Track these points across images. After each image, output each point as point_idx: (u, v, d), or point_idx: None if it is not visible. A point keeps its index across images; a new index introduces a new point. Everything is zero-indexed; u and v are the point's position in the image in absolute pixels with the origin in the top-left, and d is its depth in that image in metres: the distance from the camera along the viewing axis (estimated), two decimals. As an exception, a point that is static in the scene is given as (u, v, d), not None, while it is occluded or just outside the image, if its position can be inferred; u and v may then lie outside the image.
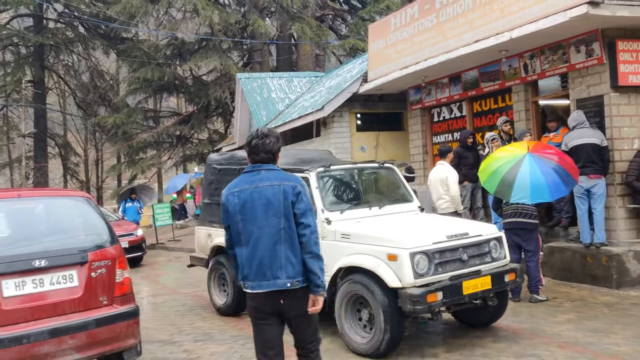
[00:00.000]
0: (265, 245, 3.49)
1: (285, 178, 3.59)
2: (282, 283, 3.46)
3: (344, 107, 14.63)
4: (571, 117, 8.02)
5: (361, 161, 8.17)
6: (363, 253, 5.38)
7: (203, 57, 23.95)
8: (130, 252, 12.90)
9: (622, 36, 8.16)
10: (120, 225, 14.05)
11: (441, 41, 10.29)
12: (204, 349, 6.00)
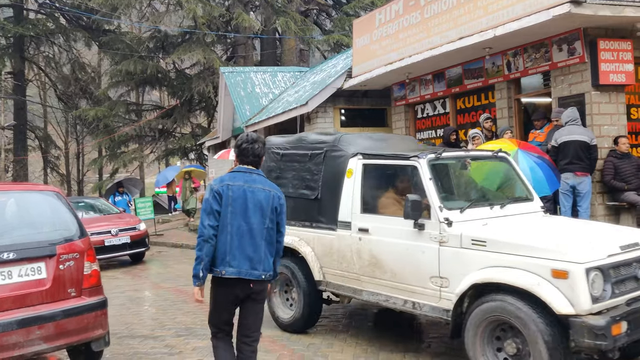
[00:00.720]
0: (251, 239, 3.87)
1: (271, 186, 4.07)
2: (258, 274, 3.89)
3: (328, 103, 14.62)
4: (565, 114, 8.08)
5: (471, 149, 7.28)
6: (509, 266, 4.18)
7: (186, 50, 23.77)
8: (133, 248, 12.38)
9: (604, 35, 8.26)
10: (121, 218, 13.27)
11: (425, 38, 10.33)
12: (185, 343, 5.98)
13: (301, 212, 5.99)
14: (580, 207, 7.83)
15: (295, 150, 6.26)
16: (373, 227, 5.21)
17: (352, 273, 5.42)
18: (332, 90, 14.14)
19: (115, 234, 12.02)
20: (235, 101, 18.77)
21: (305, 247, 5.90)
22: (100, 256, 11.53)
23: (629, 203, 7.96)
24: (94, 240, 11.29)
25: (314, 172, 5.88)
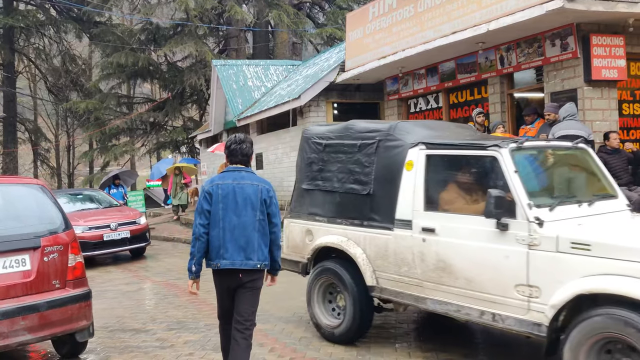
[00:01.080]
0: (243, 231, 4.10)
1: (260, 180, 4.29)
2: (253, 264, 4.11)
3: (321, 97, 14.60)
4: (563, 108, 8.08)
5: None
6: (622, 274, 3.61)
7: (178, 42, 23.63)
8: (133, 243, 11.92)
9: (597, 31, 8.28)
10: (121, 211, 12.78)
11: (419, 32, 10.32)
12: (177, 337, 5.96)
13: (349, 209, 5.37)
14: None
15: (341, 140, 5.58)
16: (441, 226, 4.55)
17: (412, 278, 4.76)
18: (324, 84, 14.12)
19: (115, 228, 11.61)
20: (228, 94, 18.69)
21: (355, 248, 5.22)
22: (99, 252, 11.37)
23: (620, 198, 8.00)
24: (92, 235, 11.12)
25: (364, 165, 5.26)
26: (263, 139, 17.22)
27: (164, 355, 5.40)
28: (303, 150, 6.07)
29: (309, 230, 5.80)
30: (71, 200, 13.11)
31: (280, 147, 16.30)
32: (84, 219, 11.57)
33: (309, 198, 5.87)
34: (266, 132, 17.50)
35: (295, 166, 6.23)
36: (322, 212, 5.65)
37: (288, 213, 6.11)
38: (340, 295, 5.42)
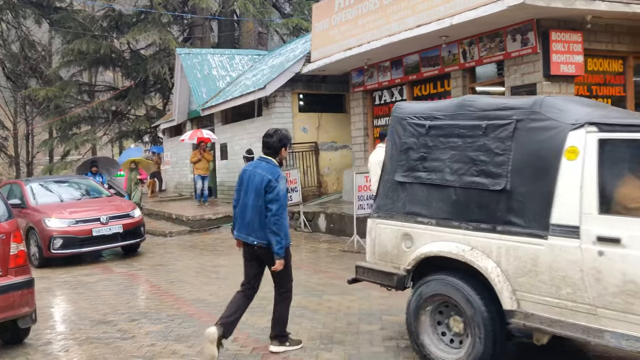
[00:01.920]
0: (249, 213, 4.80)
1: (268, 170, 4.76)
2: (251, 240, 4.81)
3: (287, 87, 14.58)
4: None
5: None
6: None
7: (141, 30, 23.23)
8: (125, 239, 10.46)
9: (556, 27, 8.49)
10: (113, 202, 11.24)
11: (384, 24, 10.40)
12: (139, 328, 5.91)
13: (472, 209, 4.23)
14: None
15: (455, 121, 4.46)
16: (630, 236, 3.47)
17: (580, 304, 3.67)
18: (290, 74, 14.10)
19: (106, 222, 10.21)
20: (192, 83, 18.49)
21: (485, 260, 4.06)
22: (87, 249, 10.17)
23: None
24: (79, 230, 10.01)
25: (495, 152, 4.14)
26: (228, 129, 17.11)
27: (125, 346, 5.35)
28: (395, 133, 4.92)
29: (407, 234, 4.63)
30: (55, 188, 11.64)
31: (245, 137, 16.22)
32: (70, 211, 10.35)
33: (405, 193, 4.73)
34: (231, 122, 17.39)
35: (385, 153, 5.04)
36: (428, 211, 4.51)
37: (373, 212, 4.97)
38: (454, 318, 4.31)
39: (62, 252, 9.94)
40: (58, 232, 9.88)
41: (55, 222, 9.96)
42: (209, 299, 7.03)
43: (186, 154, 19.85)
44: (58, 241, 9.85)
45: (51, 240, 9.82)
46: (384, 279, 4.79)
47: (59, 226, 9.94)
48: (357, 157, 13.00)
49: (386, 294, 6.81)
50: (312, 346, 5.09)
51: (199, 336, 5.47)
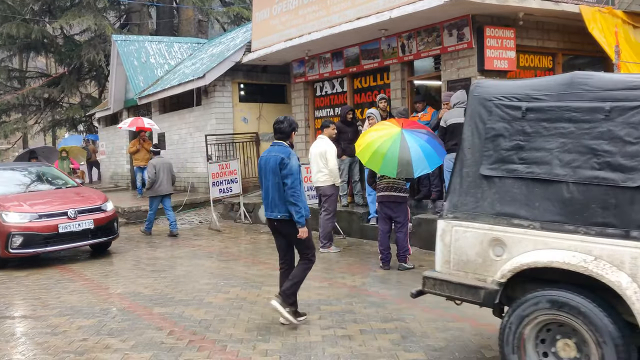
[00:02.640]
0: (270, 191, 5.39)
1: (280, 151, 5.37)
2: (275, 215, 5.39)
3: (227, 77, 14.41)
4: (454, 96, 8.48)
5: None
6: None
7: (75, 15, 22.30)
8: (96, 236, 9.23)
9: (490, 23, 8.74)
10: (82, 194, 9.80)
11: (325, 16, 10.41)
12: (70, 323, 5.73)
13: (594, 211, 3.49)
14: (463, 185, 8.28)
15: (564, 102, 3.74)
16: None
17: None
18: (230, 63, 13.94)
19: (74, 216, 8.91)
20: (128, 71, 17.97)
21: (616, 273, 3.33)
22: (52, 247, 8.83)
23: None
24: (43, 226, 8.65)
25: (626, 140, 3.43)
26: (166, 119, 16.76)
27: (55, 341, 5.18)
28: (476, 116, 4.16)
29: (498, 239, 3.85)
30: (10, 176, 10.17)
31: (184, 127, 15.93)
32: (31, 203, 9.02)
33: (493, 190, 3.96)
34: (169, 111, 17.04)
35: (467, 139, 4.19)
36: (528, 212, 3.75)
37: (446, 211, 4.17)
38: (566, 341, 3.57)
39: (22, 252, 8.67)
40: (17, 228, 8.58)
41: (14, 217, 8.67)
42: (144, 292, 6.89)
43: (123, 143, 19.30)
44: (17, 239, 8.57)
45: (9, 237, 8.52)
46: (465, 293, 3.98)
47: (18, 221, 8.65)
48: (298, 148, 13.00)
49: (325, 283, 6.90)
50: (249, 337, 5.08)
51: (133, 330, 5.37)
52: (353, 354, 4.62)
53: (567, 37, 9.66)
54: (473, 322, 5.33)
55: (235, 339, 5.06)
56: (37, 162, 13.24)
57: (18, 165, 11.44)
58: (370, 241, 8.97)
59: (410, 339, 4.91)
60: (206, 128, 14.75)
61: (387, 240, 7.61)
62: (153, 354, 4.75)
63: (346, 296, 6.35)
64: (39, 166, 11.30)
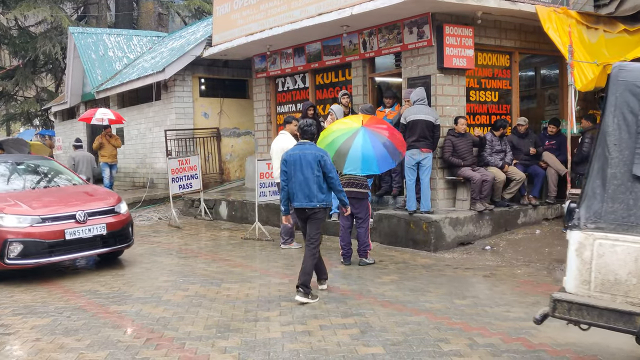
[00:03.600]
0: (308, 184, 6.07)
1: (317, 149, 6.21)
2: (313, 204, 6.09)
3: (187, 71, 14.24)
4: (414, 93, 8.59)
5: None
6: None
7: (30, 6, 21.62)
8: (109, 244, 7.74)
9: (449, 21, 8.86)
10: (92, 193, 8.28)
11: (286, 11, 10.38)
12: (23, 322, 5.58)
13: None
14: (422, 181, 8.47)
15: None
16: None
17: None
18: (191, 58, 13.78)
19: (83, 220, 7.43)
20: (86, 64, 17.57)
21: None
22: (58, 257, 7.36)
23: (465, 177, 8.72)
24: (47, 231, 7.15)
25: None
26: (125, 113, 16.45)
27: (7, 341, 5.04)
28: (624, 106, 3.59)
29: None
30: (9, 172, 8.65)
31: (143, 122, 15.68)
32: (32, 204, 7.48)
33: None
34: (128, 105, 16.73)
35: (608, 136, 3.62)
36: None
37: (585, 221, 3.56)
38: None
39: (21, 263, 7.14)
40: (15, 234, 7.05)
41: (11, 220, 7.12)
42: (101, 289, 6.75)
43: (80, 138, 18.84)
44: (16, 247, 7.03)
45: (6, 245, 6.99)
46: (615, 320, 3.34)
47: (17, 226, 7.12)
48: (260, 143, 12.95)
49: (285, 280, 6.90)
50: (208, 335, 5.04)
51: (89, 329, 5.26)
52: (312, 349, 4.64)
53: (524, 36, 9.88)
54: (430, 316, 5.41)
55: (193, 336, 5.02)
56: (36, 155, 11.60)
57: (11, 158, 9.41)
58: (332, 237, 9.00)
59: (369, 334, 4.95)
60: (166, 123, 14.54)
61: (349, 236, 7.65)
62: (109, 352, 4.67)
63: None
64: (37, 159, 9.66)
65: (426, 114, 8.42)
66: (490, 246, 8.39)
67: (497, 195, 9.00)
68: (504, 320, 5.26)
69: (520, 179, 9.06)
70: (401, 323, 5.22)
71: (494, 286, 6.50)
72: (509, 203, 9.15)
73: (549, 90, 11.16)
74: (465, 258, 7.95)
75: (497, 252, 8.15)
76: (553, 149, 9.57)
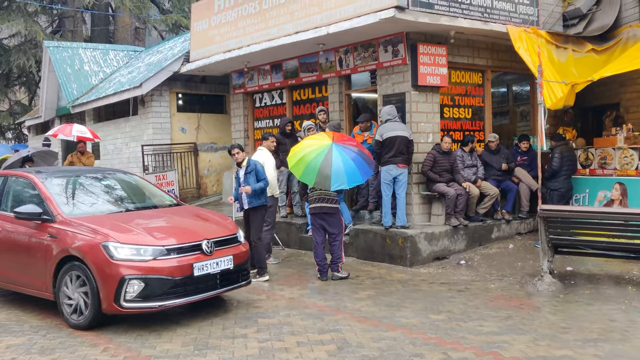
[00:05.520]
0: None
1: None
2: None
3: (164, 86, 14.26)
4: (384, 111, 8.74)
5: None
6: None
7: (4, 19, 21.50)
8: (230, 280, 6.20)
9: (423, 40, 9.07)
10: (208, 219, 6.72)
11: (264, 29, 10.50)
12: (-2, 342, 5.53)
13: None
14: (398, 195, 8.61)
15: None
16: None
17: None
18: (168, 73, 13.81)
19: (210, 251, 5.94)
20: (61, 78, 17.46)
21: None
22: (183, 299, 5.75)
23: (440, 193, 8.88)
24: (173, 266, 5.63)
25: None
26: (101, 128, 16.35)
27: (-18, 362, 4.99)
28: None
29: None
30: (94, 189, 7.12)
31: (119, 137, 15.60)
32: (148, 230, 5.98)
33: None
34: (104, 120, 16.65)
35: None
36: None
37: None
38: None
39: (143, 307, 5.62)
40: (135, 268, 5.54)
41: (128, 251, 5.62)
42: (78, 307, 6.70)
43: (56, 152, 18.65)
44: (136, 286, 5.53)
45: (123, 284, 5.49)
46: None
47: (137, 259, 5.60)
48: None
49: (263, 296, 6.93)
50: (186, 352, 5.06)
51: (65, 347, 5.24)
52: (290, 365, 4.69)
53: (496, 55, 10.13)
54: (406, 331, 5.50)
55: (171, 354, 5.03)
56: (110, 168, 9.08)
57: (91, 171, 7.82)
58: (308, 252, 9.07)
59: (346, 350, 5.03)
60: (143, 138, 14.50)
61: (323, 251, 7.73)
62: (86, 372, 4.66)
63: (284, 308, 6.41)
64: (117, 173, 7.82)
65: (402, 130, 8.59)
66: (465, 261, 8.54)
67: (471, 210, 9.17)
68: (477, 334, 5.38)
69: (494, 194, 9.25)
70: (377, 338, 5.31)
71: (468, 301, 6.63)
72: (483, 218, 9.33)
73: (521, 107, 11.43)
74: (440, 273, 8.08)
75: (472, 267, 8.30)
76: (525, 164, 9.80)
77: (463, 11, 8.89)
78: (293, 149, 7.73)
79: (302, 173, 7.34)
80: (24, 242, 6.34)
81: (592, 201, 9.36)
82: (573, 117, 11.22)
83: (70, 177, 7.17)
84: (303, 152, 7.36)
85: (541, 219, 7.03)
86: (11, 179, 7.09)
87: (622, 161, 9.10)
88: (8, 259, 6.58)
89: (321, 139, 7.53)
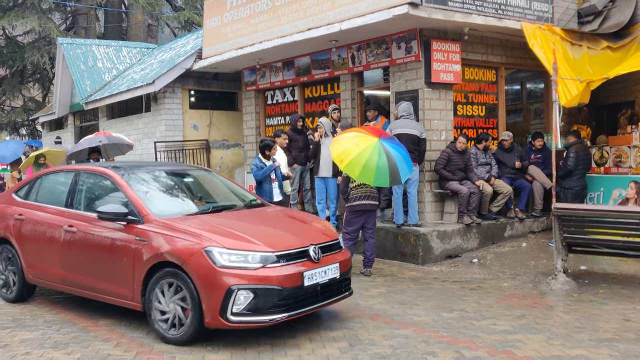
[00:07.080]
0: None
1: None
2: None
3: (177, 83, 14.27)
4: (400, 107, 8.71)
5: None
6: None
7: (19, 16, 21.64)
8: (336, 291, 5.58)
9: (437, 37, 9.01)
10: (305, 221, 6.14)
11: (276, 25, 10.49)
12: (12, 336, 5.57)
13: None
14: (409, 194, 8.58)
15: None
16: None
17: None
18: (181, 70, 13.82)
19: (318, 258, 5.32)
20: (75, 75, 17.55)
21: None
22: (294, 312, 5.09)
23: (452, 191, 8.83)
24: (284, 275, 4.99)
25: None
26: (113, 124, 16.43)
27: (-4, 356, 5.04)
28: None
29: None
30: (181, 187, 6.60)
31: (132, 133, 15.65)
32: (252, 234, 5.33)
33: None
34: (117, 117, 16.72)
35: None
36: None
37: None
38: None
39: (252, 321, 4.96)
40: (243, 277, 4.91)
41: (235, 258, 5.00)
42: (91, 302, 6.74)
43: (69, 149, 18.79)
44: (243, 297, 4.90)
45: (230, 296, 4.86)
46: None
47: (243, 266, 4.97)
48: (249, 155, 13.00)
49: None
50: (199, 348, 5.06)
51: (79, 342, 5.27)
52: (302, 362, 4.69)
53: (509, 52, 10.05)
54: (418, 329, 5.48)
55: (184, 349, 5.04)
56: (188, 165, 9.01)
57: (174, 168, 7.19)
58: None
59: (358, 347, 5.01)
60: (155, 135, 14.55)
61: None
62: (99, 366, 4.69)
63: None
64: (196, 169, 7.36)
65: (412, 128, 8.54)
66: (477, 259, 8.50)
67: (484, 208, 9.12)
68: (490, 333, 5.34)
69: (508, 192, 9.19)
70: (389, 336, 5.29)
71: (481, 299, 6.59)
72: (496, 216, 9.28)
73: (535, 105, 11.35)
74: (452, 271, 8.04)
75: (484, 265, 8.25)
76: (539, 162, 9.73)
77: (477, 8, 8.82)
78: (341, 158, 7.02)
79: (375, 178, 6.94)
80: (105, 245, 5.63)
81: (606, 200, 9.27)
82: (587, 115, 11.12)
83: (150, 173, 6.41)
84: (363, 159, 6.86)
85: (555, 217, 6.98)
86: (84, 174, 6.38)
87: (637, 159, 9.00)
88: (84, 264, 5.88)
89: (364, 139, 7.06)
